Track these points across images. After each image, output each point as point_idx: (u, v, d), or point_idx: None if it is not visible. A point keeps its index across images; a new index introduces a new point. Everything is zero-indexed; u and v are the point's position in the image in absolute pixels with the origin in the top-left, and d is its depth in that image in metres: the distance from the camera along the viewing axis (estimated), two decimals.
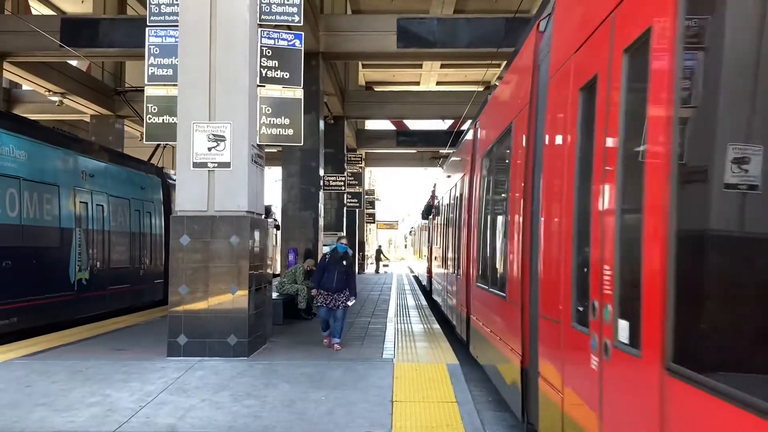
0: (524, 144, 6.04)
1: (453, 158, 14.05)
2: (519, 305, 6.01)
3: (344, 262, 9.96)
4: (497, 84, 9.37)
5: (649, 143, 3.05)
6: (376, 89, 34.54)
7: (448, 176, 15.03)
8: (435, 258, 18.87)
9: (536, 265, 5.34)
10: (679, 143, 2.80)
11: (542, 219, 5.19)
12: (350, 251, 10.28)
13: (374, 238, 68.17)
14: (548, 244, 5.00)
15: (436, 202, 19.02)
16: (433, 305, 17.00)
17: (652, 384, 2.89)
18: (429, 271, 21.32)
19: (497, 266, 7.62)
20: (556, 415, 4.56)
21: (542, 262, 5.13)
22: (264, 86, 9.91)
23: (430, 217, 20.60)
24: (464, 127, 18.54)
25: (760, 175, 2.32)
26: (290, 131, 9.99)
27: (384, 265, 40.44)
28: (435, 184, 20.79)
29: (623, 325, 3.29)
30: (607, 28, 3.67)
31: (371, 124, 38.76)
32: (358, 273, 32.07)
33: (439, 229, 17.54)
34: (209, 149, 9.28)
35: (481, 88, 27.26)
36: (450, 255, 13.50)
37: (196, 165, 9.31)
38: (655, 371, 2.85)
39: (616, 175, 3.46)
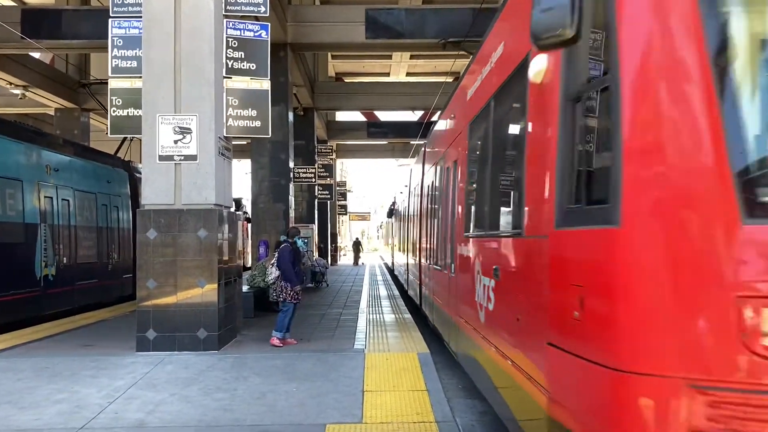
0: (421, 191, 13.57)
1: (405, 184, 20.51)
2: (418, 260, 13.73)
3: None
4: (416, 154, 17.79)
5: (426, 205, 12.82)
6: (346, 80, 34.41)
7: (401, 192, 23.15)
8: (394, 245, 27.30)
9: (421, 244, 12.97)
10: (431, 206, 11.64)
11: (423, 225, 12.86)
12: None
13: (347, 229, 68.13)
14: (422, 237, 12.84)
15: (395, 207, 26.97)
16: (394, 277, 23.52)
17: (427, 268, 11.72)
18: (392, 255, 29.44)
19: (414, 246, 15.30)
20: (425, 296, 12.02)
21: (423, 243, 12.55)
22: (230, 78, 9.82)
23: (393, 217, 28.62)
24: (434, 118, 18.88)
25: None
26: (258, 123, 9.93)
27: (354, 256, 40.20)
28: (395, 196, 28.97)
29: (432, 260, 10.77)
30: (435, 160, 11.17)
31: (342, 116, 38.62)
32: (331, 264, 32.04)
33: (396, 226, 25.48)
34: (175, 142, 9.18)
35: (450, 79, 27.30)
36: (401, 243, 21.40)
37: (162, 158, 9.21)
38: (425, 266, 12.08)
39: (432, 209, 11.00)
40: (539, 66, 3.96)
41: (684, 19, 2.82)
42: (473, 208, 6.55)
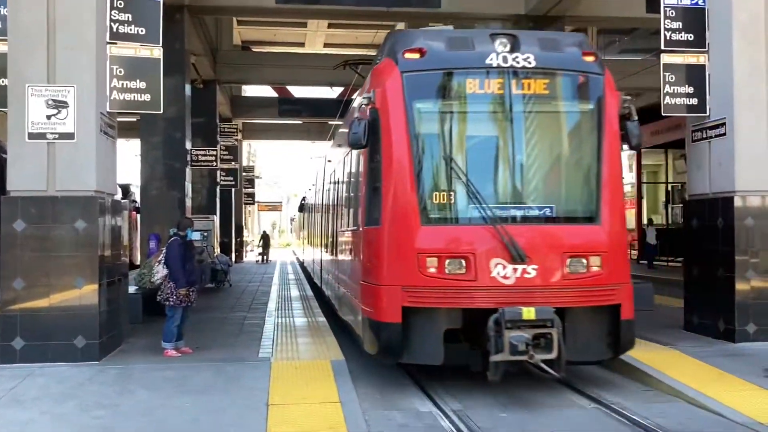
0: (322, 193, 17.32)
1: (313, 183, 24.93)
2: (320, 250, 17.39)
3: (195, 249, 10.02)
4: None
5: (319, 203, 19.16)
6: (254, 50, 33.99)
7: (309, 189, 27.39)
8: (304, 239, 30.95)
9: (321, 237, 17.26)
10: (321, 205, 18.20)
11: (321, 222, 17.54)
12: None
13: (255, 221, 67.49)
14: (321, 231, 17.20)
15: (305, 202, 30.53)
16: (307, 275, 24.90)
17: (324, 255, 15.72)
18: (303, 250, 32.59)
19: (317, 239, 19.11)
20: (324, 279, 15.62)
21: (321, 237, 16.95)
22: (115, 44, 9.62)
23: (303, 212, 31.94)
24: (354, 95, 19.13)
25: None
26: (147, 96, 9.76)
27: (259, 253, 38.88)
28: (305, 192, 32.97)
29: (327, 249, 14.94)
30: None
31: (249, 90, 38.15)
32: (236, 262, 31.69)
33: (305, 221, 29.33)
34: (48, 117, 8.93)
35: (373, 52, 27.37)
36: (309, 237, 25.22)
37: (32, 136, 8.95)
38: (324, 254, 16.00)
39: (326, 210, 15.93)
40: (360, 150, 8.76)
41: (402, 141, 7.90)
42: (343, 213, 11.57)
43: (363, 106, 8.22)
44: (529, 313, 7.32)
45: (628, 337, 8.02)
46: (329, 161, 15.37)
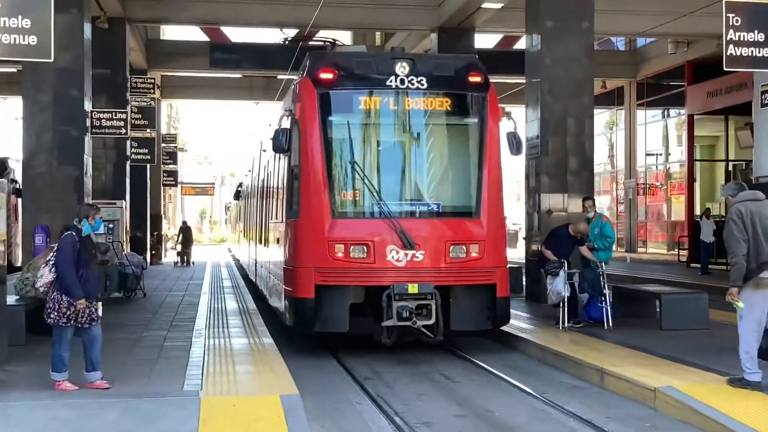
0: (257, 183, 23.00)
1: (249, 169, 28.80)
2: (255, 242, 23.01)
3: (97, 248, 10.10)
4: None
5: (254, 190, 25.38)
6: None
7: (246, 175, 31.12)
8: (240, 231, 35.06)
9: (256, 230, 23.25)
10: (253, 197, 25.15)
11: (256, 213, 23.29)
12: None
13: (178, 209, 67.27)
14: (256, 223, 23.07)
15: (241, 190, 34.27)
16: (240, 268, 29.58)
17: (259, 247, 21.44)
18: (238, 242, 36.64)
19: (252, 232, 24.81)
20: (259, 273, 21.26)
21: (256, 229, 23.06)
22: None
23: (240, 200, 35.80)
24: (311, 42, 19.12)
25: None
26: (33, 39, 9.70)
27: (178, 253, 37.75)
28: (242, 180, 36.41)
29: (261, 241, 20.64)
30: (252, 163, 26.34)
31: (171, 32, 38.01)
32: (151, 264, 31.55)
33: (241, 211, 33.98)
34: None
35: None
36: (246, 230, 29.18)
37: None
38: (259, 246, 21.55)
39: (250, 201, 27.29)
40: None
41: (317, 148, 12.68)
42: (273, 205, 16.49)
43: (285, 116, 13.18)
44: (413, 288, 11.77)
45: (503, 312, 12.66)
46: (264, 150, 19.82)
